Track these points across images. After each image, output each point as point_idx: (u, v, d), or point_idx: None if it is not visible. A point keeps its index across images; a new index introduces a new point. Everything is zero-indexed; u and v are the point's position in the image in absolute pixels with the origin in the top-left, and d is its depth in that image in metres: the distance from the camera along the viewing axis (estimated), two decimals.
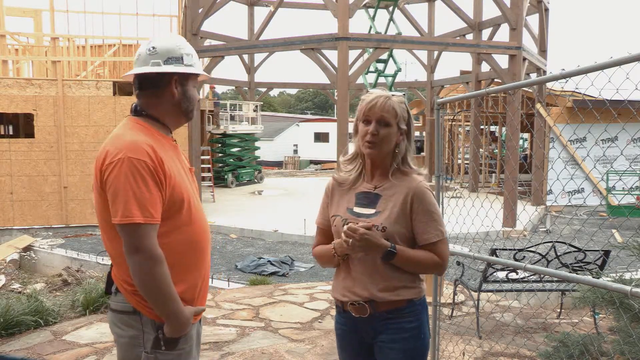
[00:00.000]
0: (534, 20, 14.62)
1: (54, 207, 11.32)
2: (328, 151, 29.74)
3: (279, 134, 35.21)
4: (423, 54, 19.02)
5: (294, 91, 66.57)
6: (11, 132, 14.06)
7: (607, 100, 2.35)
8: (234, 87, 21.95)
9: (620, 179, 12.65)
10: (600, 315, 4.83)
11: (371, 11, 14.71)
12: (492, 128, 21.22)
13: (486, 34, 15.70)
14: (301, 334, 4.55)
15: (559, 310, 5.18)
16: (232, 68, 79.85)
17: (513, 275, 4.68)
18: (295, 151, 34.59)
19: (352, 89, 15.76)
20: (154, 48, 1.89)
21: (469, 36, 16.12)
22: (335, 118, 12.96)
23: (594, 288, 3.29)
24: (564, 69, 2.32)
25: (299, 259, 8.67)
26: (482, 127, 18.52)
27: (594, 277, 3.24)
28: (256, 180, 19.53)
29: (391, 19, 14.42)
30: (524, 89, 12.08)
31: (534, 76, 14.25)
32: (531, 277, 4.68)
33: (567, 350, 3.43)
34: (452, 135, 21.51)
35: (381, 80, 14.46)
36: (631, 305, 3.18)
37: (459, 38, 15.99)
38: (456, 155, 21.23)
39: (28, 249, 9.71)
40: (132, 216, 1.71)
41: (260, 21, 17.41)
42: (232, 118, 18.31)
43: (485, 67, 15.67)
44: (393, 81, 14.43)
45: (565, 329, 4.49)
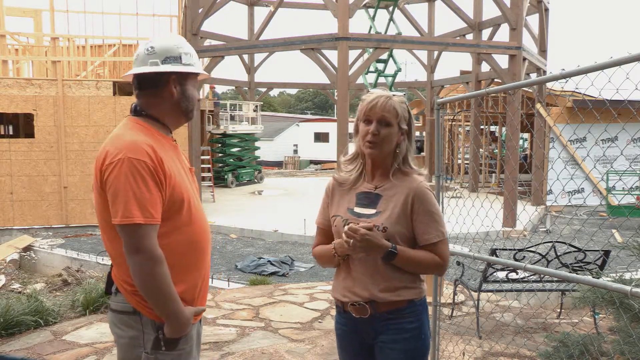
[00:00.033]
0: (534, 20, 14.63)
1: (54, 207, 11.32)
2: (328, 151, 29.75)
3: (279, 134, 35.21)
4: (423, 54, 19.02)
5: (294, 91, 66.64)
6: (11, 132, 14.07)
7: (607, 100, 2.35)
8: (234, 87, 21.95)
9: (620, 179, 12.65)
10: (600, 315, 4.83)
11: (371, 11, 14.71)
12: (492, 128, 21.22)
13: (486, 34, 15.70)
14: (301, 334, 4.55)
15: (559, 310, 5.18)
16: (232, 68, 79.84)
17: (513, 275, 4.68)
18: (295, 151, 34.59)
19: (352, 89, 15.76)
20: (152, 48, 1.89)
21: (469, 36, 16.12)
22: (335, 118, 12.96)
23: (594, 288, 3.29)
24: (564, 69, 2.32)
25: (299, 259, 8.67)
26: (482, 127, 18.52)
27: (594, 277, 3.24)
28: (256, 180, 19.53)
29: (391, 19, 14.42)
30: (524, 89, 12.08)
31: (534, 76, 14.25)
32: (531, 277, 4.68)
33: (567, 350, 3.43)
34: (452, 135, 21.51)
35: (381, 80, 14.46)
36: (631, 305, 3.18)
37: (459, 38, 15.99)
38: (456, 155, 21.23)
39: (28, 249, 9.71)
40: (132, 216, 1.70)
41: (260, 21, 17.42)
42: (232, 118, 18.31)
43: (485, 67, 15.67)
44: (393, 81, 14.43)
45: (565, 329, 4.49)
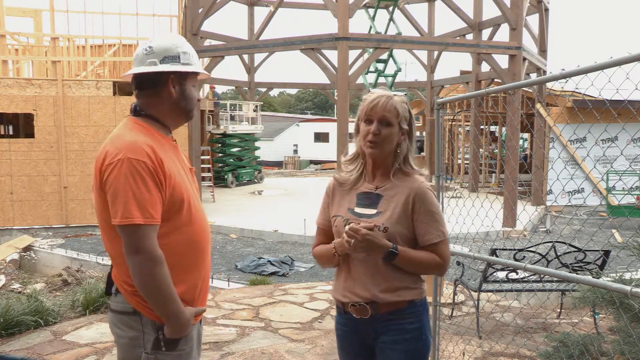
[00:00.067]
0: (534, 20, 14.63)
1: (54, 207, 11.32)
2: (328, 151, 29.75)
3: (279, 134, 35.21)
4: (423, 54, 19.03)
5: (294, 91, 66.63)
6: (11, 132, 14.07)
7: (607, 100, 2.35)
8: (234, 87, 21.95)
9: (620, 179, 12.65)
10: (600, 315, 4.83)
11: (371, 11, 14.71)
12: (492, 128, 21.22)
13: (486, 34, 15.71)
14: (301, 334, 4.55)
15: (559, 310, 5.18)
16: (232, 68, 79.88)
17: (513, 275, 4.68)
18: (295, 151, 34.59)
19: (352, 89, 15.77)
20: (150, 48, 1.89)
21: (469, 36, 16.12)
22: (335, 118, 12.96)
23: (594, 288, 3.29)
24: (564, 69, 2.32)
25: (299, 259, 8.67)
26: (482, 127, 18.52)
27: (594, 277, 3.24)
28: (256, 180, 19.53)
29: (391, 19, 14.43)
30: (524, 89, 12.08)
31: (534, 76, 14.25)
32: (531, 277, 4.68)
33: (567, 350, 3.43)
34: (452, 135, 21.51)
35: (381, 80, 14.46)
36: (631, 305, 3.18)
37: (459, 38, 15.99)
38: (456, 155, 21.23)
39: (28, 249, 9.72)
40: (132, 217, 1.70)
41: (260, 21, 17.42)
42: (232, 118, 18.31)
43: (485, 67, 15.67)
44: (393, 81, 14.43)
45: (565, 329, 4.50)
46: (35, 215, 11.24)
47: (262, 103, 21.83)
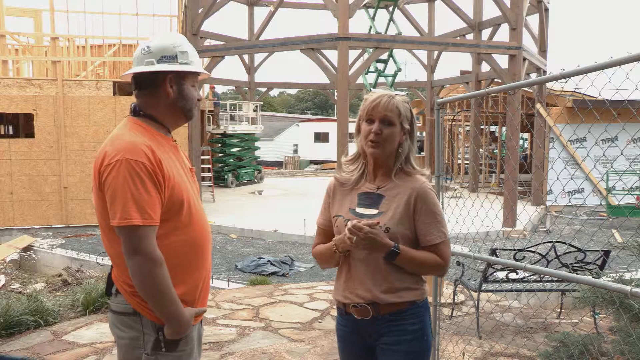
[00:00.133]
0: (534, 20, 14.63)
1: (54, 207, 11.32)
2: (328, 151, 29.75)
3: (279, 134, 35.22)
4: (423, 54, 19.01)
5: (294, 91, 66.59)
6: (11, 132, 14.07)
7: (607, 100, 2.35)
8: (234, 87, 21.93)
9: (620, 179, 12.64)
10: (600, 315, 4.83)
11: (371, 11, 14.71)
12: (492, 128, 21.21)
13: (486, 34, 15.70)
14: (301, 334, 4.55)
15: (559, 310, 5.18)
16: (232, 68, 79.70)
17: (513, 275, 4.68)
18: (295, 151, 34.59)
19: (352, 89, 15.76)
20: (148, 47, 1.88)
21: (469, 36, 16.12)
22: (335, 118, 12.95)
23: (594, 288, 3.29)
24: (564, 69, 2.32)
25: (299, 259, 8.67)
26: (482, 127, 18.51)
27: (594, 277, 3.24)
28: (256, 180, 19.53)
29: (391, 19, 14.42)
30: (524, 89, 12.07)
31: (534, 76, 14.24)
32: (531, 277, 4.68)
33: (567, 350, 3.43)
34: (452, 135, 21.51)
35: (381, 80, 14.45)
36: (631, 305, 3.17)
37: (459, 38, 15.98)
38: (456, 155, 21.23)
39: (28, 249, 9.71)
40: (130, 218, 1.70)
41: (260, 21, 17.42)
42: (232, 118, 18.30)
43: (485, 67, 15.67)
44: (393, 81, 14.43)
45: (565, 329, 4.50)
46: (35, 215, 11.24)
47: (262, 103, 21.82)
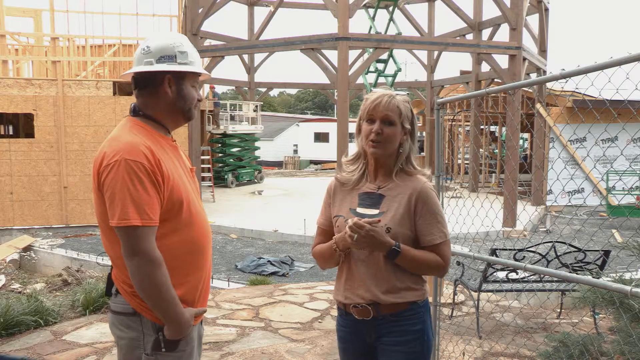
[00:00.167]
0: (534, 20, 14.63)
1: (54, 207, 11.32)
2: (328, 151, 29.74)
3: (279, 134, 35.21)
4: (423, 54, 19.02)
5: (294, 91, 66.63)
6: (11, 132, 14.08)
7: (607, 100, 2.35)
8: (234, 87, 21.94)
9: (620, 179, 12.64)
10: (600, 315, 4.83)
11: (371, 11, 14.71)
12: (492, 128, 21.21)
13: (486, 34, 15.70)
14: (301, 334, 4.55)
15: (559, 310, 5.18)
16: (232, 68, 79.91)
17: (513, 275, 4.68)
18: (295, 151, 34.59)
19: (352, 89, 15.76)
20: (148, 47, 1.87)
21: (469, 36, 16.12)
22: (335, 118, 12.95)
23: (594, 288, 3.29)
24: (564, 69, 2.32)
25: (299, 259, 8.67)
26: (482, 127, 18.52)
27: (594, 277, 3.24)
28: (256, 180, 19.52)
29: (391, 19, 14.42)
30: (524, 89, 12.08)
31: (534, 76, 14.24)
32: (531, 277, 4.68)
33: (567, 350, 3.43)
34: (452, 135, 21.50)
35: (381, 80, 14.45)
36: (631, 305, 3.17)
37: (459, 38, 15.99)
38: (456, 155, 21.22)
39: (28, 249, 9.72)
40: (129, 219, 1.69)
41: (260, 21, 17.41)
42: (232, 118, 18.30)
43: (485, 67, 15.67)
44: (393, 81, 14.42)
45: (565, 329, 4.50)
46: (35, 215, 11.24)
47: (262, 103, 21.82)
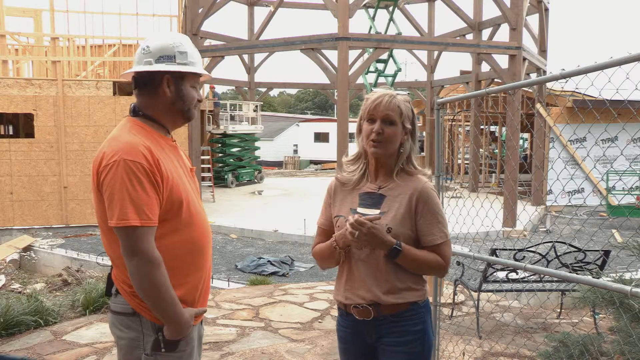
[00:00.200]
0: (534, 20, 14.63)
1: (54, 207, 11.32)
2: (328, 151, 29.74)
3: (279, 134, 35.21)
4: (423, 54, 19.01)
5: (294, 91, 66.64)
6: (11, 132, 14.08)
7: (607, 100, 2.35)
8: (234, 87, 21.94)
9: (620, 179, 12.64)
10: (600, 315, 4.83)
11: (371, 11, 14.71)
12: (492, 128, 21.21)
13: (486, 34, 15.70)
14: (301, 334, 4.55)
15: (559, 310, 5.18)
16: (232, 68, 79.94)
17: (513, 275, 4.68)
18: (295, 151, 34.59)
19: (352, 89, 15.76)
20: (147, 47, 1.87)
21: (469, 36, 16.12)
22: (335, 118, 12.95)
23: (594, 288, 3.29)
24: (564, 69, 2.32)
25: (299, 259, 8.67)
26: (482, 127, 18.52)
27: (594, 277, 3.24)
28: (256, 180, 19.53)
29: (391, 19, 14.42)
30: (524, 89, 12.08)
31: (534, 76, 14.24)
32: (531, 277, 4.68)
33: (567, 350, 3.43)
34: (452, 135, 21.50)
35: (381, 80, 14.45)
36: (631, 305, 3.18)
37: (459, 38, 15.99)
38: (456, 155, 21.22)
39: (28, 249, 9.72)
40: (128, 219, 1.69)
41: (260, 21, 17.41)
42: (232, 118, 18.30)
43: (485, 67, 15.67)
44: (393, 81, 14.42)
45: (565, 329, 4.50)
46: (35, 215, 11.25)
47: (262, 103, 21.82)
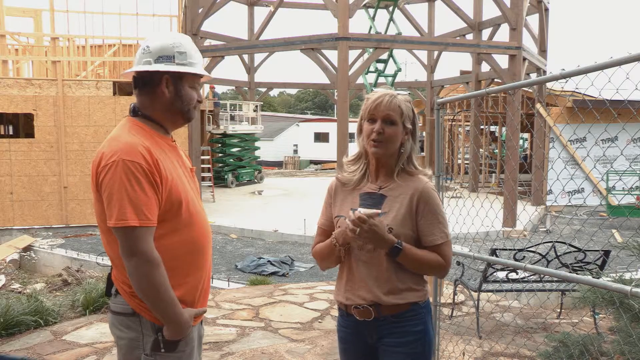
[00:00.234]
0: (534, 20, 14.63)
1: (54, 207, 11.32)
2: (328, 151, 29.73)
3: (279, 134, 35.21)
4: (423, 54, 19.01)
5: (294, 91, 66.64)
6: (11, 132, 14.08)
7: (607, 100, 2.35)
8: (234, 87, 21.94)
9: (620, 179, 12.64)
10: (600, 315, 4.83)
11: (371, 11, 14.71)
12: (492, 128, 21.21)
13: (486, 34, 15.70)
14: (301, 334, 4.55)
15: (559, 310, 5.18)
16: (232, 68, 79.94)
17: (513, 275, 4.68)
18: (295, 151, 34.59)
19: (352, 89, 15.76)
20: (147, 47, 1.87)
21: (469, 36, 16.12)
22: (335, 118, 12.95)
23: (594, 288, 3.29)
24: (564, 69, 2.32)
25: (299, 259, 8.67)
26: (482, 127, 18.52)
27: (594, 277, 3.24)
28: (256, 180, 19.53)
29: (391, 19, 14.42)
30: (524, 89, 12.08)
31: (534, 76, 14.24)
32: (531, 277, 4.68)
33: (567, 350, 3.43)
34: (452, 135, 21.50)
35: (381, 80, 14.45)
36: (631, 305, 3.18)
37: (459, 38, 15.99)
38: (456, 155, 21.22)
39: (28, 249, 9.71)
40: (126, 219, 1.69)
41: (260, 21, 17.41)
42: (232, 118, 18.30)
43: (485, 67, 15.67)
44: (393, 81, 14.42)
45: (565, 329, 4.50)
46: (35, 215, 11.24)
47: (262, 103, 21.82)
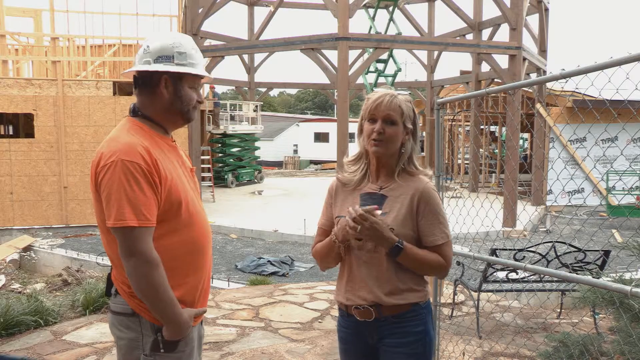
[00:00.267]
0: (534, 20, 14.63)
1: (54, 207, 11.32)
2: (328, 151, 29.73)
3: (279, 134, 35.21)
4: (423, 54, 19.01)
5: (294, 91, 66.64)
6: (11, 132, 14.08)
7: (607, 100, 2.35)
8: (234, 87, 21.94)
9: (620, 179, 12.64)
10: (600, 315, 4.83)
11: (371, 11, 14.71)
12: (492, 128, 21.21)
13: (486, 34, 15.70)
14: (301, 334, 4.55)
15: (559, 310, 5.18)
16: (232, 68, 79.94)
17: (513, 275, 4.68)
18: (295, 151, 34.59)
19: (352, 89, 15.76)
20: (147, 47, 1.86)
21: (469, 36, 16.12)
22: (335, 118, 12.95)
23: (594, 288, 3.29)
24: (564, 69, 2.32)
25: (299, 259, 8.67)
26: (482, 127, 18.52)
27: (594, 277, 3.24)
28: (256, 180, 19.53)
29: (391, 19, 14.42)
30: (524, 89, 12.08)
31: (534, 76, 14.24)
32: (531, 277, 4.69)
33: (567, 350, 3.43)
34: (452, 135, 21.51)
35: (381, 80, 14.45)
36: (631, 305, 3.17)
37: (459, 38, 15.99)
38: (456, 155, 21.23)
39: (28, 249, 9.71)
40: (125, 219, 1.69)
41: (260, 21, 17.42)
42: (232, 118, 18.30)
43: (485, 67, 15.67)
44: (393, 81, 14.42)
45: (565, 329, 4.50)
46: (35, 215, 11.24)
47: (262, 103, 21.81)
